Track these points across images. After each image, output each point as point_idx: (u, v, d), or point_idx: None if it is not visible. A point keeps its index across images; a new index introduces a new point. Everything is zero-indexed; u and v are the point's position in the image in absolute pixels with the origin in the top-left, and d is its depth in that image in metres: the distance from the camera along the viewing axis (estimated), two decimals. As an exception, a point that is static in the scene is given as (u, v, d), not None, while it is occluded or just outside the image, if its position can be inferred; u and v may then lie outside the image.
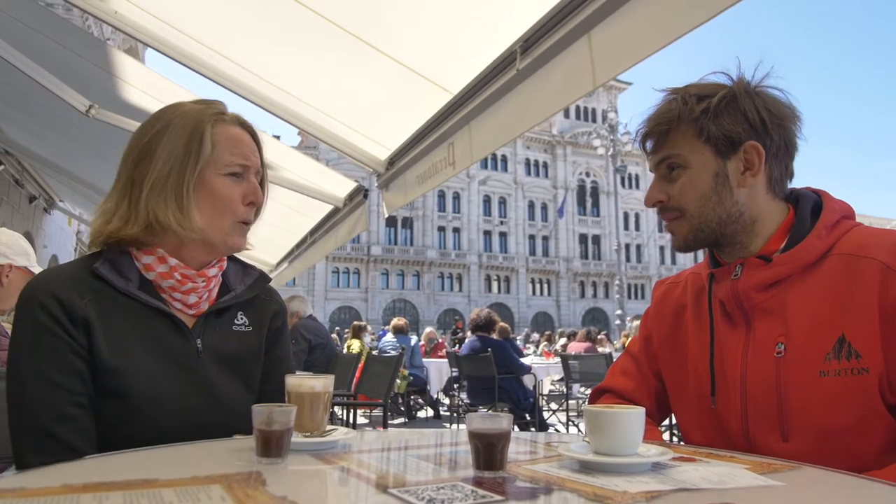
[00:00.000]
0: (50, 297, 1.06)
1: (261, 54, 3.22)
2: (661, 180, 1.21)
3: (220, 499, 0.68)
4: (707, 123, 1.14)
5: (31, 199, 8.22)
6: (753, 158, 1.14)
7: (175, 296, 1.17)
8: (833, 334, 1.05)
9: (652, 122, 1.20)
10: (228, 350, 1.21)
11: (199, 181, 1.14)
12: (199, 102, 1.21)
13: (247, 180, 1.19)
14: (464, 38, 2.54)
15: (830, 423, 1.04)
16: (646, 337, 1.38)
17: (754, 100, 1.14)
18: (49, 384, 1.03)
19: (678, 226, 1.20)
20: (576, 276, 61.99)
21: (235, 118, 1.21)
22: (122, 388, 1.07)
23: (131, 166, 1.15)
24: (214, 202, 1.15)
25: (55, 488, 0.71)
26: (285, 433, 0.88)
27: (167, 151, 1.13)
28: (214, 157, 1.15)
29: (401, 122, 3.20)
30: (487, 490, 0.74)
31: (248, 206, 1.20)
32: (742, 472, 0.86)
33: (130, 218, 1.13)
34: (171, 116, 1.16)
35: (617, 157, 26.38)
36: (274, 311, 1.33)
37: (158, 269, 1.15)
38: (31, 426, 1.03)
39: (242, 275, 1.31)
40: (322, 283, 53.75)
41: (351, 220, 4.27)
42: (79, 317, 1.06)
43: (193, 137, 1.14)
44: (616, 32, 1.73)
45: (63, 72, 3.55)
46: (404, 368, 7.87)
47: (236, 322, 1.26)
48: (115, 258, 1.14)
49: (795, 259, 1.11)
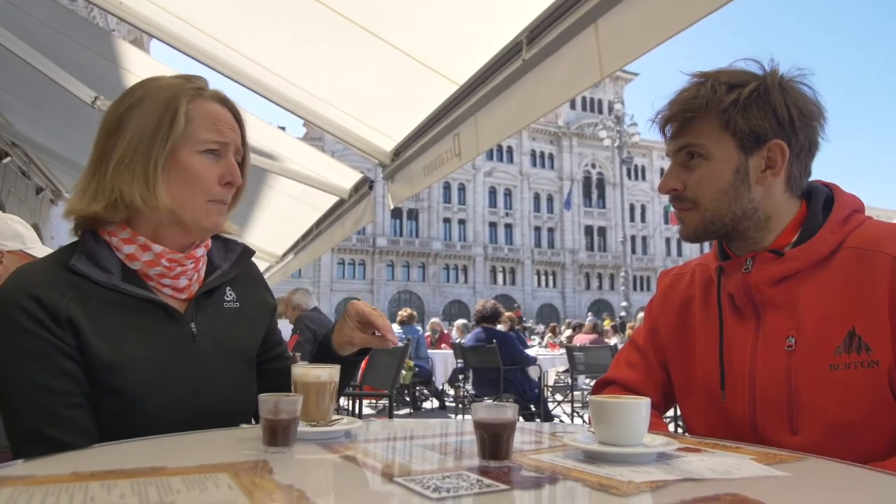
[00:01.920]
0: (28, 298, 1.00)
1: (265, 45, 3.21)
2: (678, 167, 1.19)
3: (227, 487, 0.68)
4: (735, 116, 1.11)
5: (38, 190, 8.24)
6: (777, 157, 1.12)
7: (164, 282, 1.13)
8: (844, 328, 1.05)
9: (677, 105, 1.16)
10: (222, 329, 1.19)
11: (172, 158, 1.08)
12: (178, 77, 1.15)
13: (224, 159, 1.13)
14: (470, 28, 2.52)
15: (840, 416, 1.04)
16: (651, 328, 1.37)
17: (785, 95, 1.11)
18: (40, 389, 0.99)
19: (689, 216, 1.18)
20: (581, 268, 61.90)
21: (215, 94, 1.15)
22: (119, 383, 1.04)
23: (103, 140, 1.10)
24: (186, 180, 1.10)
25: (64, 476, 0.72)
26: (292, 422, 0.89)
27: (138, 126, 1.08)
28: (189, 133, 1.09)
29: (406, 114, 3.19)
30: (493, 479, 0.74)
31: (225, 187, 1.14)
32: (748, 462, 0.85)
33: (96, 194, 1.08)
34: (146, 90, 1.11)
35: (623, 149, 26.25)
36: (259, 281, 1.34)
37: (143, 257, 1.10)
38: (28, 432, 0.99)
39: (225, 250, 1.28)
40: (328, 275, 53.88)
41: (357, 211, 4.27)
42: (63, 317, 1.01)
43: (167, 112, 1.08)
44: (623, 22, 1.72)
45: (69, 63, 3.54)
46: (410, 359, 7.89)
47: (226, 299, 1.23)
48: (92, 250, 1.08)
49: (807, 253, 1.11)
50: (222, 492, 0.67)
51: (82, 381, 1.02)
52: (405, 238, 57.27)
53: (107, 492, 0.66)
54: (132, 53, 3.92)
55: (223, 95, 1.17)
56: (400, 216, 57.09)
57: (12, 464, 0.82)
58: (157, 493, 0.65)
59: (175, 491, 0.66)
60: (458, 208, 59.11)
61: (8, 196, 7.12)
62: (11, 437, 1.02)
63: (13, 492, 0.66)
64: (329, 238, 5.00)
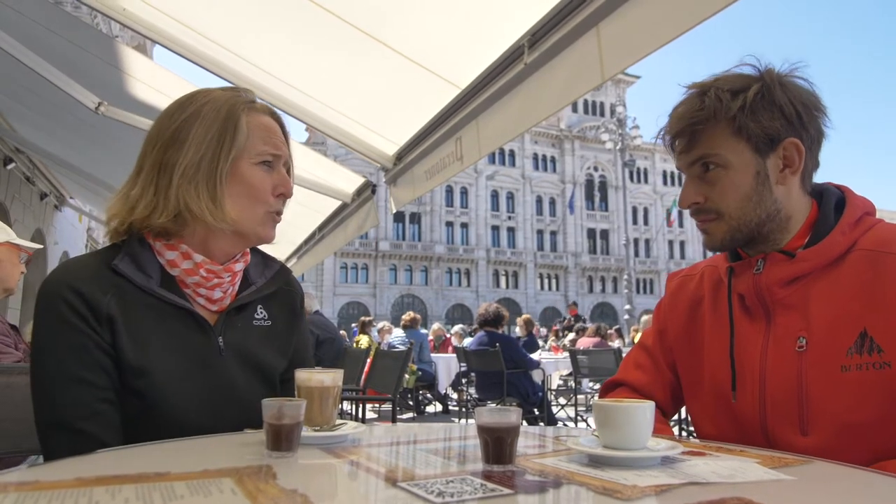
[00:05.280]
0: (72, 291, 1.03)
1: (268, 50, 3.22)
2: (695, 180, 1.17)
3: (231, 492, 0.68)
4: (745, 121, 1.10)
5: (42, 196, 8.28)
6: (794, 156, 1.12)
7: (200, 291, 1.14)
8: (855, 329, 1.05)
9: (683, 120, 1.15)
10: (249, 347, 1.19)
11: (232, 170, 1.10)
12: (228, 90, 1.17)
13: (277, 170, 1.16)
14: (471, 32, 2.53)
15: (852, 417, 1.03)
16: (660, 330, 1.36)
17: (787, 92, 1.11)
18: (76, 381, 1.01)
19: (714, 227, 1.17)
20: (584, 271, 61.82)
21: (266, 107, 1.18)
22: (142, 386, 1.05)
23: (160, 151, 1.10)
24: (247, 192, 1.12)
25: (68, 481, 0.72)
26: (295, 427, 0.89)
27: (199, 138, 1.09)
28: (248, 145, 1.12)
29: (408, 117, 3.20)
30: (497, 483, 0.74)
31: (279, 197, 1.17)
32: (753, 466, 0.85)
33: (158, 206, 1.09)
34: (202, 101, 1.12)
35: (625, 152, 26.25)
36: (299, 301, 1.32)
37: (183, 265, 1.12)
38: (58, 422, 1.01)
39: (263, 267, 1.29)
40: (331, 279, 53.90)
41: (360, 215, 4.28)
42: (103, 313, 1.04)
43: (228, 124, 1.10)
44: (625, 25, 1.72)
45: (72, 69, 3.56)
46: (413, 363, 7.89)
47: (256, 317, 1.23)
48: (136, 253, 1.10)
49: (820, 255, 1.10)
50: (226, 497, 0.67)
51: (114, 378, 1.05)
52: (408, 242, 57.29)
53: (111, 497, 0.66)
54: (136, 59, 3.93)
55: (272, 108, 1.20)
56: (402, 220, 57.12)
57: (17, 469, 0.82)
58: (161, 498, 0.65)
59: (179, 496, 0.66)
60: (460, 212, 59.13)
61: (12, 201, 7.15)
62: (41, 427, 1.03)
63: (18, 497, 0.66)
64: (332, 242, 5.01)
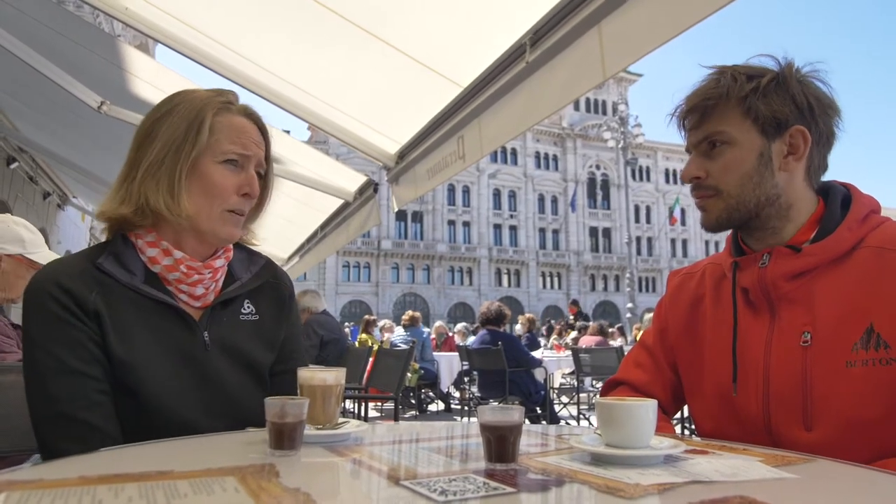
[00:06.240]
0: (59, 288, 1.05)
1: (270, 49, 3.22)
2: (700, 157, 1.19)
3: (234, 490, 0.68)
4: (756, 102, 1.12)
5: (45, 195, 8.29)
6: (799, 143, 1.14)
7: (181, 288, 1.16)
8: (861, 324, 1.05)
9: (698, 96, 1.17)
10: (236, 341, 1.20)
11: (194, 167, 1.13)
12: (210, 91, 1.20)
13: (245, 171, 1.17)
14: (473, 30, 2.52)
15: (857, 413, 1.03)
16: (660, 328, 1.36)
17: (803, 86, 1.14)
18: (74, 374, 1.03)
19: (712, 203, 1.18)
20: (586, 270, 61.79)
21: (243, 108, 1.20)
22: (129, 382, 1.07)
23: (134, 149, 1.16)
24: (205, 189, 1.14)
25: (71, 480, 0.72)
26: (298, 425, 0.89)
27: (166, 136, 1.13)
28: (211, 144, 1.14)
29: (410, 116, 3.20)
30: (499, 482, 0.74)
31: (243, 197, 1.17)
32: (755, 464, 0.85)
33: (125, 199, 1.13)
34: (177, 101, 1.16)
35: (627, 150, 26.23)
36: (288, 295, 1.33)
37: (164, 261, 1.14)
38: (62, 415, 1.02)
39: (248, 262, 1.30)
40: (333, 278, 53.94)
41: (362, 214, 4.28)
42: (90, 308, 1.06)
43: (193, 123, 1.13)
44: (626, 23, 1.72)
45: (75, 68, 3.57)
46: (415, 362, 7.89)
47: (243, 311, 1.24)
48: (119, 251, 1.13)
49: (826, 250, 1.10)
50: (229, 495, 0.67)
51: (108, 370, 1.08)
52: (410, 240, 57.30)
53: (114, 495, 0.66)
54: (138, 58, 3.94)
55: (251, 110, 1.21)
56: (405, 218, 57.12)
57: (20, 467, 0.82)
58: (164, 496, 0.66)
59: (182, 494, 0.67)
60: (462, 210, 59.12)
61: (15, 201, 7.16)
62: (41, 422, 1.04)
63: (22, 496, 0.66)
64: (334, 241, 5.01)
